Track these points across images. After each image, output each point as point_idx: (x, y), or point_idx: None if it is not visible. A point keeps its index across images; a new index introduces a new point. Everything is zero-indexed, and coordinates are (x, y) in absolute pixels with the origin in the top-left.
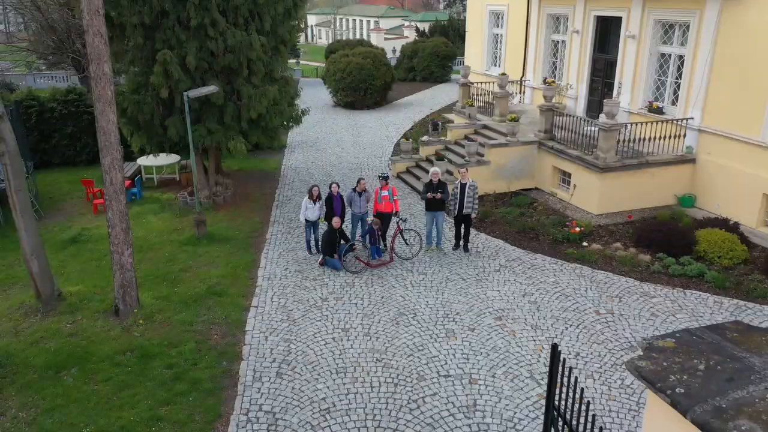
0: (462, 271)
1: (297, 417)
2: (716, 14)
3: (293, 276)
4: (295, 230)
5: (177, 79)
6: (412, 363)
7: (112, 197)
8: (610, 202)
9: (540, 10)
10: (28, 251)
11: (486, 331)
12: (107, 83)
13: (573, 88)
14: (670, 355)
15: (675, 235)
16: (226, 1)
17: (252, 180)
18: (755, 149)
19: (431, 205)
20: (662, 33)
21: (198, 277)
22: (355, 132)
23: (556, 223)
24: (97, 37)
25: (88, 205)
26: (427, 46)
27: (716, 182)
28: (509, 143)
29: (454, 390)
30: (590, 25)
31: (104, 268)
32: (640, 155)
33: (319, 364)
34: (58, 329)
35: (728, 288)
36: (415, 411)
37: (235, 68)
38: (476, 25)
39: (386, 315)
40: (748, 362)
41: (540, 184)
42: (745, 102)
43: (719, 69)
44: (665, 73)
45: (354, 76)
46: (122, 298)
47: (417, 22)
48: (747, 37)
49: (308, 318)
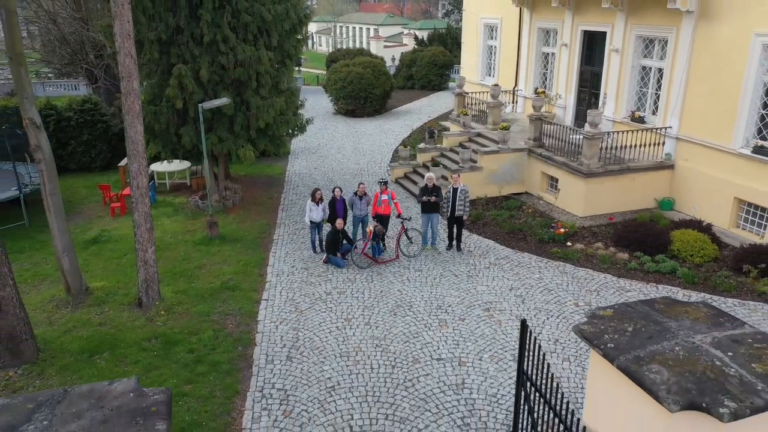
0: (454, 269)
1: (306, 393)
2: (691, 31)
3: (299, 273)
4: (301, 231)
5: (191, 91)
6: (407, 348)
7: (138, 200)
8: (594, 205)
9: (531, 23)
10: (60, 249)
11: (475, 320)
12: (136, 98)
13: (562, 97)
14: (607, 321)
15: (651, 236)
16: (236, 18)
17: (258, 185)
18: (727, 156)
19: (426, 207)
20: (643, 47)
21: (212, 274)
22: (355, 139)
23: (542, 224)
24: (128, 58)
25: (106, 209)
26: (425, 55)
27: (693, 187)
28: (500, 150)
29: (445, 371)
30: (578, 39)
31: (125, 266)
32: (622, 161)
33: (325, 349)
34: (88, 319)
35: (697, 283)
36: (410, 389)
37: (244, 81)
38: (471, 37)
39: (385, 307)
40: (666, 325)
41: (530, 188)
42: (717, 112)
43: (694, 81)
44: (646, 84)
45: (354, 85)
46: (145, 292)
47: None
48: (717, 52)
49: (314, 309)
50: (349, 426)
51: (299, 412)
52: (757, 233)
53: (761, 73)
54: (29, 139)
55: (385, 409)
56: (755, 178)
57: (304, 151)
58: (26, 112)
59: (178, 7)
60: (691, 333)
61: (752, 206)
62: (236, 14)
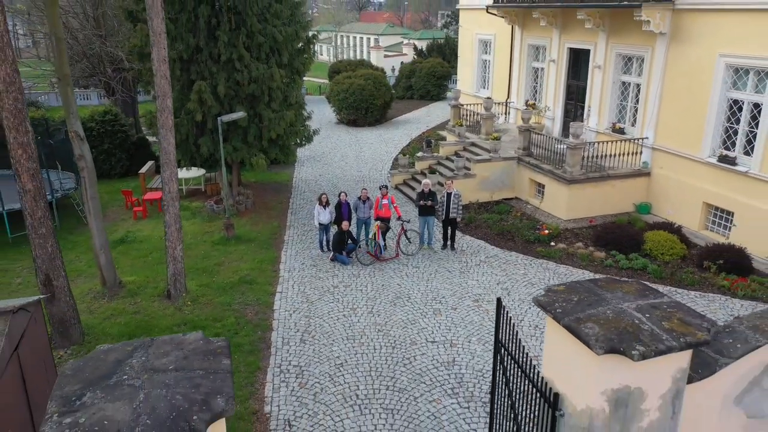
0: (448, 265)
1: (318, 369)
2: (664, 51)
3: (309, 269)
4: (309, 233)
5: (209, 105)
6: (405, 332)
7: (169, 203)
8: (576, 209)
9: (522, 40)
10: (98, 246)
11: (465, 309)
12: (169, 114)
13: (551, 109)
14: (559, 294)
15: (626, 236)
16: (250, 39)
17: (268, 190)
18: (696, 164)
19: (423, 210)
20: (623, 64)
21: (231, 270)
22: (357, 148)
23: (529, 226)
24: (164, 79)
25: (128, 212)
26: (424, 66)
27: (667, 192)
28: (492, 159)
29: (438, 351)
30: (564, 56)
31: (151, 263)
32: (603, 169)
33: (333, 333)
34: (124, 308)
35: (664, 278)
36: (408, 366)
37: (257, 95)
38: (467, 51)
39: (386, 298)
40: (603, 296)
41: (519, 194)
42: (687, 124)
43: (667, 96)
44: (626, 98)
45: (356, 96)
46: (174, 284)
47: (415, 40)
48: (687, 70)
49: (323, 300)
50: (356, 395)
51: (313, 384)
52: (722, 234)
53: (725, 90)
54: (74, 149)
55: (386, 381)
56: (721, 184)
57: (310, 159)
58: (72, 125)
59: (198, 29)
60: (621, 301)
61: (718, 209)
62: (250, 35)
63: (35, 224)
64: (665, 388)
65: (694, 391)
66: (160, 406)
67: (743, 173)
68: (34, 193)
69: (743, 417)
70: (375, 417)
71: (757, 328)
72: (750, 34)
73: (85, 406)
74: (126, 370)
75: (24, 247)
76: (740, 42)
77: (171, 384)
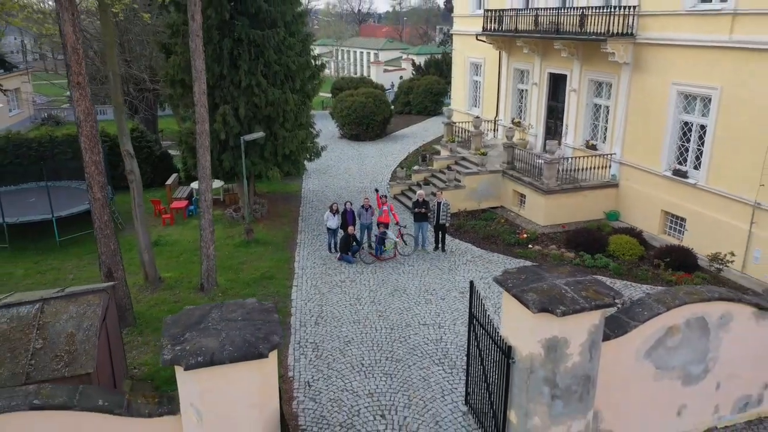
0: (439, 264)
1: (330, 345)
2: (628, 78)
3: (319, 267)
4: (318, 237)
5: (231, 125)
6: (402, 318)
7: (204, 210)
8: (553, 216)
9: (508, 64)
10: (143, 246)
11: (452, 300)
12: (206, 137)
13: (534, 127)
14: (512, 274)
15: (593, 240)
16: (267, 67)
17: (280, 200)
18: (655, 177)
19: (418, 217)
20: (595, 88)
21: (253, 268)
22: (359, 161)
23: (510, 231)
24: (203, 108)
25: (157, 219)
26: (421, 83)
27: (632, 201)
28: (480, 172)
29: (429, 331)
30: (545, 79)
31: (183, 263)
32: (576, 181)
33: (342, 318)
34: (165, 299)
35: (623, 274)
36: (403, 342)
37: (273, 117)
38: (460, 73)
39: (386, 290)
40: (543, 276)
41: (503, 203)
42: (648, 142)
43: (631, 117)
44: (598, 118)
45: (358, 113)
46: (206, 279)
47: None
48: (647, 95)
49: (333, 292)
50: (361, 363)
51: (326, 356)
52: (677, 237)
53: (677, 113)
54: (125, 164)
55: (385, 354)
56: (675, 194)
57: (316, 171)
58: (124, 145)
59: (222, 59)
60: (555, 279)
61: (674, 216)
62: (267, 64)
63: (102, 226)
64: (583, 338)
65: (612, 347)
66: (237, 340)
67: (693, 185)
68: (101, 201)
69: (652, 368)
70: (377, 380)
71: (660, 301)
72: (696, 66)
73: (187, 340)
74: (209, 320)
75: (71, 248)
76: (689, 72)
77: (241, 328)
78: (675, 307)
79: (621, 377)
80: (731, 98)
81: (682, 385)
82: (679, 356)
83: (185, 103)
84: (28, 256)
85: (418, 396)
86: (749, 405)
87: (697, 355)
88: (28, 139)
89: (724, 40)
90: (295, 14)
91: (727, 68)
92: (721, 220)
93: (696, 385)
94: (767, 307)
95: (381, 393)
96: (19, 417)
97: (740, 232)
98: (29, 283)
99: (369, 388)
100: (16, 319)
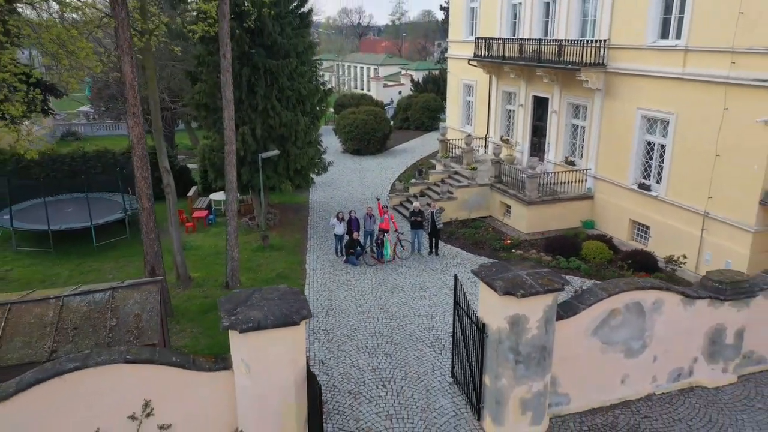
0: (433, 266)
1: (339, 332)
2: (600, 102)
3: (328, 268)
4: (326, 243)
5: (249, 144)
6: (400, 310)
7: (230, 218)
8: (534, 224)
9: (497, 87)
10: (176, 249)
11: (443, 296)
12: (233, 156)
13: (520, 144)
14: (486, 267)
15: (568, 245)
16: (281, 92)
17: (290, 210)
18: (624, 190)
19: (414, 225)
20: (573, 111)
21: (269, 269)
22: (361, 174)
23: (496, 238)
24: (231, 132)
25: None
26: (419, 100)
27: (605, 212)
28: (470, 185)
29: (422, 321)
30: (530, 102)
31: (208, 264)
32: (556, 193)
33: (348, 310)
34: (196, 295)
35: (592, 274)
36: (401, 330)
37: (286, 136)
38: (454, 93)
39: (386, 288)
40: (510, 268)
41: (491, 213)
42: (617, 159)
43: (604, 137)
44: (576, 137)
45: (359, 129)
46: (231, 277)
47: (412, 71)
48: (617, 118)
49: (340, 289)
50: (366, 346)
51: (336, 340)
52: (643, 243)
53: (642, 134)
54: (162, 179)
55: (386, 339)
56: (641, 205)
57: (322, 183)
58: (162, 162)
59: (241, 86)
60: (519, 271)
61: (640, 224)
62: (281, 90)
63: (148, 231)
64: (539, 315)
65: (565, 325)
66: (276, 312)
67: (655, 197)
68: (149, 211)
69: (599, 343)
70: (379, 358)
71: (604, 289)
72: (657, 94)
73: (238, 312)
74: (253, 299)
75: (107, 252)
76: (651, 99)
77: (278, 304)
78: (616, 293)
79: (574, 350)
80: (685, 122)
81: (624, 357)
82: (621, 334)
83: (208, 123)
84: (71, 259)
85: (413, 371)
86: (681, 376)
87: (636, 333)
88: (62, 155)
89: (678, 72)
90: (306, 46)
91: (682, 96)
92: (679, 227)
93: (636, 358)
94: (692, 296)
95: (382, 369)
96: (117, 368)
97: (694, 238)
98: (75, 282)
99: (372, 365)
100: (93, 303)
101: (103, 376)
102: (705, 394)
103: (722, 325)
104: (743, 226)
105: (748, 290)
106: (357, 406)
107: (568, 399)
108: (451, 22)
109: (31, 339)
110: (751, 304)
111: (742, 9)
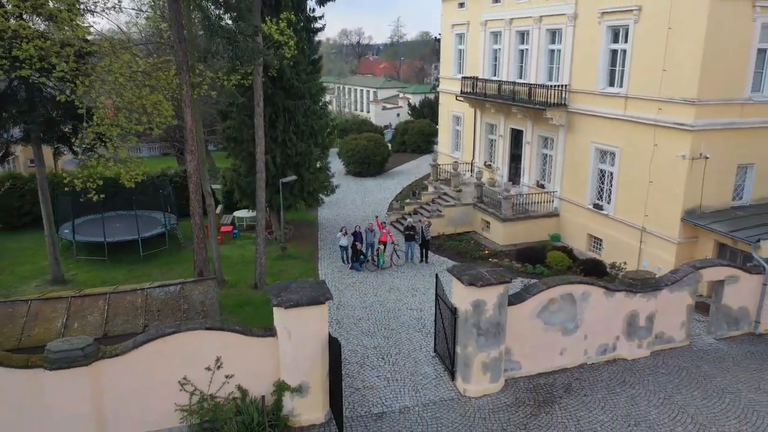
0: (423, 272)
1: (347, 321)
2: (564, 136)
3: (337, 273)
4: (334, 253)
5: (270, 170)
6: (395, 305)
7: (259, 232)
8: (509, 238)
9: (481, 119)
10: (215, 257)
11: (431, 294)
12: (263, 181)
13: (500, 169)
14: (458, 267)
15: (535, 255)
16: (297, 127)
17: (302, 226)
18: (583, 209)
19: (408, 237)
20: (543, 142)
21: (288, 274)
22: (362, 194)
23: (476, 249)
24: (262, 163)
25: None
26: (415, 125)
27: (568, 227)
28: (456, 204)
29: (413, 313)
30: (508, 133)
31: (238, 270)
32: (527, 211)
33: (354, 305)
34: (231, 294)
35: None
36: (396, 319)
37: (301, 164)
38: (444, 122)
39: (384, 288)
40: (475, 267)
41: (474, 228)
42: (577, 183)
43: (567, 165)
44: (546, 164)
45: (361, 154)
46: (259, 279)
47: (410, 95)
48: (576, 149)
49: (347, 289)
50: (368, 330)
51: (345, 327)
52: (598, 254)
53: (596, 163)
54: (206, 200)
55: (383, 326)
56: (595, 221)
57: (328, 203)
58: (206, 187)
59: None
60: (480, 269)
61: (595, 238)
62: (297, 125)
63: (198, 241)
64: (494, 301)
65: (515, 309)
66: (308, 295)
67: (606, 215)
68: (199, 225)
69: (542, 323)
70: (378, 339)
71: (545, 283)
72: (606, 131)
73: (282, 295)
74: (291, 287)
75: (152, 261)
76: (602, 135)
77: (309, 290)
78: (553, 286)
79: (522, 329)
80: (627, 154)
81: (561, 335)
82: (559, 317)
83: (235, 152)
84: (123, 266)
85: (405, 348)
86: (607, 351)
87: (570, 316)
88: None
89: (621, 114)
90: (318, 89)
91: (624, 134)
92: (624, 240)
93: (571, 335)
94: (612, 289)
95: (381, 347)
96: (199, 333)
97: (635, 248)
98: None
99: (373, 344)
100: (168, 293)
101: (190, 338)
102: (624, 363)
103: (636, 311)
104: (669, 238)
105: (655, 285)
106: (362, 372)
107: (519, 366)
108: (442, 60)
109: (128, 317)
110: (659, 296)
111: (665, 67)
